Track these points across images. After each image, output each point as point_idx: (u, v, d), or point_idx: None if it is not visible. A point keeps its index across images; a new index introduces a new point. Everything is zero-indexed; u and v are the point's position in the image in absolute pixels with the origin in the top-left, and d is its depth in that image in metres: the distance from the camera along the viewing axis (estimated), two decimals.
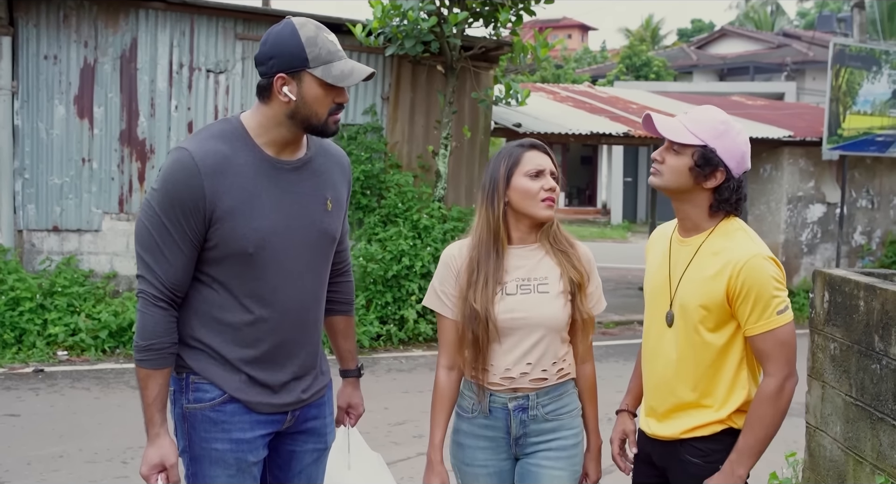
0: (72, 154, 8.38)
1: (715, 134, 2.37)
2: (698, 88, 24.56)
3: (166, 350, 2.26)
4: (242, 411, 2.34)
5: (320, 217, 2.40)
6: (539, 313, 2.51)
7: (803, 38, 29.75)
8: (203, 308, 2.31)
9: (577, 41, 51.69)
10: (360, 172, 8.99)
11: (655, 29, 42.03)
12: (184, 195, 2.19)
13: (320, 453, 2.58)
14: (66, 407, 6.19)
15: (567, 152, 27.47)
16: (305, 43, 2.21)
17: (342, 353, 2.77)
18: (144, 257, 2.24)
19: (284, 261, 2.32)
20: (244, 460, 2.35)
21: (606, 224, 24.55)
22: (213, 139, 2.26)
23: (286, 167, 2.33)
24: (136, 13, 8.45)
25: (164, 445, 2.26)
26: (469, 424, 2.59)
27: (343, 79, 2.23)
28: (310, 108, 2.25)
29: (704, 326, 2.39)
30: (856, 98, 11.21)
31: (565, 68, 32.86)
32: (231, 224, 2.23)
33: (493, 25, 8.75)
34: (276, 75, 2.23)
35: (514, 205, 2.53)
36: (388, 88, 9.34)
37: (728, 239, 2.40)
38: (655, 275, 2.55)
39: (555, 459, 2.56)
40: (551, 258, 2.57)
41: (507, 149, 2.59)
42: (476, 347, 2.51)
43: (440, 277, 2.60)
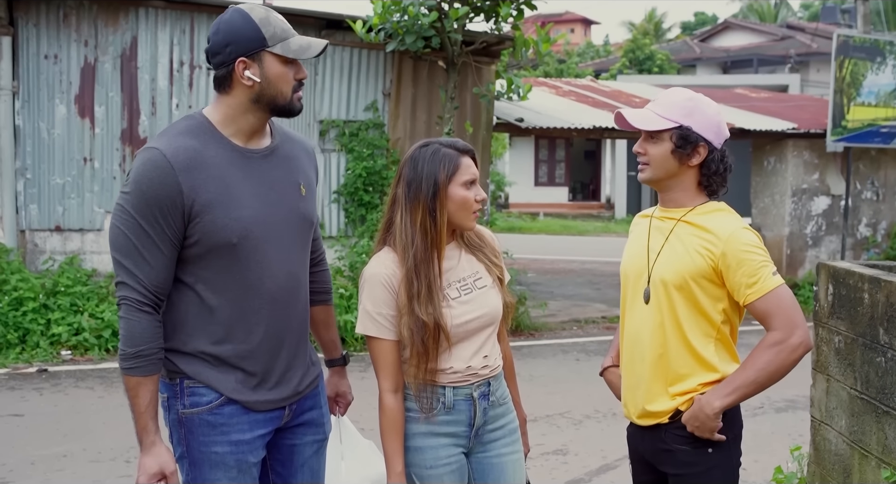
0: (73, 153, 8.38)
1: (685, 112, 2.40)
2: (702, 81, 24.50)
3: (155, 356, 2.22)
4: (241, 412, 2.31)
5: (296, 202, 2.39)
6: (489, 309, 2.49)
7: (807, 30, 29.68)
8: (191, 310, 2.28)
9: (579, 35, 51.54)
10: (362, 169, 8.97)
11: (658, 22, 41.96)
12: (160, 193, 2.15)
13: (320, 444, 2.57)
14: (69, 406, 6.19)
15: (570, 147, 27.44)
16: (259, 24, 2.22)
17: (325, 343, 2.75)
18: (123, 262, 2.19)
19: (268, 248, 2.30)
20: (245, 461, 2.33)
21: (610, 218, 24.52)
22: (181, 135, 2.24)
23: (256, 155, 2.32)
24: (136, 12, 8.44)
25: (162, 453, 2.23)
26: (427, 423, 2.47)
27: (303, 51, 2.25)
28: (275, 88, 2.25)
29: (682, 297, 2.40)
30: (860, 89, 11.15)
31: (568, 63, 32.80)
32: (211, 216, 2.20)
33: (494, 20, 8.73)
34: (237, 60, 2.22)
35: (451, 215, 2.44)
36: (389, 84, 9.32)
37: (710, 215, 2.43)
38: (633, 254, 2.57)
39: (511, 444, 2.59)
40: (469, 254, 2.54)
41: (442, 151, 2.44)
42: (426, 361, 2.40)
43: (374, 299, 2.42)
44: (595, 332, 9.62)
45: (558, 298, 11.34)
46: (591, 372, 8.27)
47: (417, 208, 2.41)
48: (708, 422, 2.35)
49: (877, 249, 11.96)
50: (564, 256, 15.83)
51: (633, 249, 2.58)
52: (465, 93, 9.33)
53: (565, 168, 27.61)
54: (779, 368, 2.31)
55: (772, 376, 2.32)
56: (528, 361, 7.91)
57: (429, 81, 9.32)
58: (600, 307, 10.87)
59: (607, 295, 11.81)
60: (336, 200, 9.20)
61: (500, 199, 24.93)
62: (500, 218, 21.03)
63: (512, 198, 26.08)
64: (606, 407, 6.25)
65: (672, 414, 2.44)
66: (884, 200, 12.02)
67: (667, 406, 2.45)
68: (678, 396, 2.44)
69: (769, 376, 2.32)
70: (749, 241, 2.36)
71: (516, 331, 9.12)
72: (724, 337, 2.45)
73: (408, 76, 9.29)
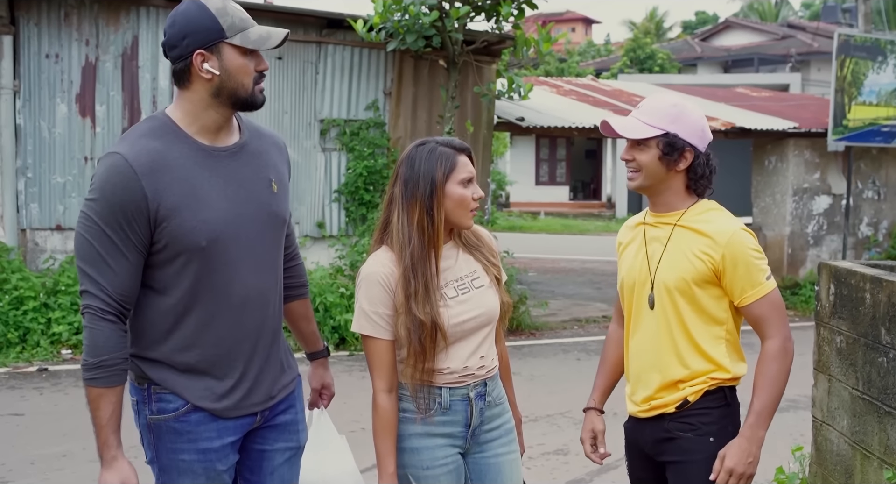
0: (74, 153, 8.37)
1: (670, 119, 2.43)
2: (703, 80, 24.49)
3: (118, 366, 2.14)
4: (208, 420, 2.25)
5: (267, 199, 2.32)
6: (486, 308, 2.49)
7: (808, 29, 29.69)
8: (157, 318, 2.22)
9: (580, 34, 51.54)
10: (363, 168, 8.97)
11: (660, 21, 41.97)
12: (123, 199, 2.09)
13: (293, 453, 2.48)
14: (69, 406, 6.18)
15: (572, 146, 27.44)
16: (217, 14, 2.15)
17: (306, 336, 2.69)
18: (87, 271, 2.11)
19: (239, 249, 2.24)
20: (213, 469, 2.27)
21: (611, 218, 24.52)
22: (144, 138, 2.17)
23: (223, 154, 2.25)
24: (136, 11, 8.43)
25: (124, 469, 2.14)
26: (424, 424, 2.46)
27: (263, 42, 2.18)
28: (235, 80, 2.18)
29: (687, 302, 2.44)
30: (861, 88, 11.14)
31: (569, 62, 32.80)
32: (178, 220, 2.14)
33: (494, 19, 8.72)
34: (195, 53, 2.14)
35: (448, 213, 2.44)
36: (390, 84, 9.31)
37: (704, 216, 2.47)
38: (633, 261, 2.57)
39: (507, 444, 2.58)
40: (467, 254, 2.53)
41: (439, 150, 2.44)
42: (422, 360, 2.39)
43: (371, 298, 2.40)
44: (596, 331, 9.61)
45: (559, 297, 11.33)
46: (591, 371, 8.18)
47: (415, 207, 2.40)
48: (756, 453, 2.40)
49: (878, 249, 11.95)
50: (565, 256, 15.82)
51: (631, 259, 2.59)
52: (465, 92, 9.33)
53: (566, 167, 27.60)
54: (786, 377, 2.42)
55: (783, 386, 2.42)
56: (528, 361, 7.90)
57: (430, 80, 9.32)
58: (601, 306, 10.86)
59: (608, 294, 11.80)
60: (337, 200, 9.20)
61: (500, 198, 24.93)
62: (500, 217, 21.03)
63: (513, 197, 26.08)
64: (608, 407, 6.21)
65: (679, 404, 2.47)
66: (885, 200, 12.01)
67: (675, 396, 2.48)
68: (688, 387, 2.47)
69: (782, 387, 2.42)
70: (748, 243, 2.41)
71: (517, 330, 9.12)
72: (732, 337, 2.49)
73: (409, 75, 9.28)
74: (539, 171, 27.53)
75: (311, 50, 9.02)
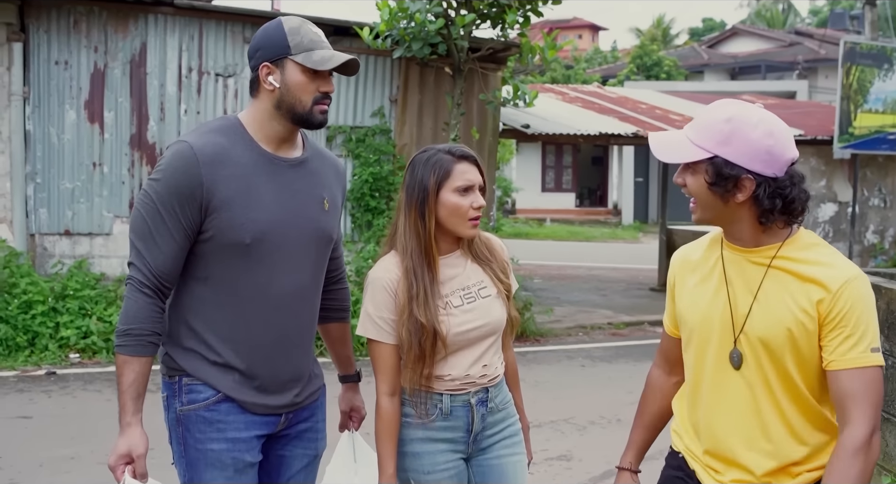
0: (83, 158, 8.44)
1: (721, 139, 1.92)
2: (709, 87, 24.51)
3: (145, 338, 2.22)
4: (237, 411, 2.32)
5: (317, 215, 2.40)
6: (491, 319, 2.49)
7: (815, 36, 29.65)
8: (195, 306, 2.31)
9: (587, 41, 51.67)
10: (369, 175, 9.02)
11: (666, 28, 42.03)
12: (181, 183, 2.20)
13: (310, 460, 2.54)
14: (77, 409, 6.24)
15: (578, 153, 27.47)
16: (288, 32, 2.28)
17: (340, 359, 2.77)
18: (136, 244, 2.24)
19: (281, 254, 2.31)
20: (241, 460, 2.33)
21: (618, 224, 24.53)
22: (213, 133, 2.29)
23: (283, 163, 2.35)
24: (145, 18, 8.51)
25: (135, 436, 2.21)
26: (425, 429, 2.48)
27: (323, 63, 2.27)
28: (293, 96, 2.28)
29: (792, 359, 1.96)
30: (867, 96, 11.18)
31: (576, 69, 32.89)
32: (228, 214, 2.23)
33: (500, 27, 8.77)
34: (262, 65, 2.29)
35: (440, 219, 2.44)
36: (396, 91, 9.37)
37: (809, 253, 1.96)
38: (707, 304, 2.07)
39: (511, 446, 2.59)
40: (476, 264, 2.54)
41: (436, 157, 2.45)
42: (422, 363, 2.41)
43: (376, 303, 2.44)
44: (601, 338, 9.64)
45: (564, 303, 11.36)
46: (595, 378, 8.32)
47: (412, 213, 2.44)
48: None
49: (884, 256, 11.96)
50: (571, 262, 15.85)
51: (703, 301, 2.08)
52: (471, 99, 9.38)
53: (572, 174, 27.63)
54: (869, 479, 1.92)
55: None
56: (532, 367, 7.94)
57: (435, 88, 9.37)
58: (606, 313, 10.89)
59: (613, 301, 11.83)
60: (343, 206, 9.24)
61: (506, 204, 24.98)
62: (506, 223, 21.07)
63: (519, 203, 26.12)
64: (611, 413, 6.27)
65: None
66: (891, 207, 12.02)
67: None
68: (806, 472, 2.02)
69: None
70: (867, 295, 1.94)
71: (522, 336, 9.14)
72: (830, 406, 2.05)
73: (414, 82, 9.34)
74: (545, 177, 27.57)
75: None
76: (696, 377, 2.12)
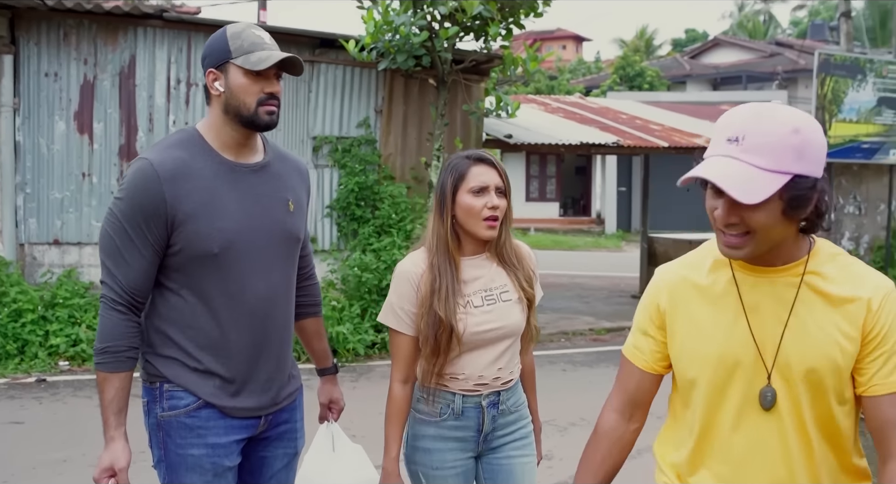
0: (72, 169, 8.55)
1: (796, 154, 1.59)
2: (691, 98, 24.79)
3: (123, 354, 2.28)
4: (217, 416, 2.37)
5: (283, 217, 2.45)
6: (509, 322, 2.56)
7: (795, 47, 29.97)
8: (172, 315, 2.35)
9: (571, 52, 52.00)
10: (355, 184, 9.17)
11: (649, 39, 42.33)
12: (144, 201, 2.24)
13: (290, 459, 2.60)
14: (68, 415, 6.35)
15: (561, 163, 27.68)
16: (230, 37, 2.32)
17: (317, 353, 2.84)
18: (107, 263, 2.29)
19: (250, 260, 2.36)
20: (220, 465, 2.38)
21: (601, 234, 24.73)
22: (172, 147, 2.32)
23: (245, 170, 2.39)
24: (134, 31, 8.64)
25: (117, 450, 2.27)
26: (437, 427, 2.58)
27: (259, 63, 2.29)
28: (238, 98, 2.31)
29: (835, 395, 1.72)
30: (841, 106, 11.41)
31: (559, 79, 33.12)
32: (194, 226, 2.27)
33: (483, 39, 8.93)
34: (207, 71, 2.34)
35: (459, 221, 2.54)
36: (381, 102, 9.53)
37: (836, 266, 1.74)
38: (725, 337, 1.76)
39: (521, 448, 2.67)
40: (501, 269, 2.60)
41: (455, 161, 2.57)
42: (436, 357, 2.50)
43: (399, 294, 2.55)
44: (582, 343, 9.82)
45: (547, 311, 11.52)
46: (576, 382, 8.45)
47: (436, 214, 2.56)
48: None
49: None
50: (554, 271, 16.01)
51: (715, 328, 1.78)
52: (454, 110, 9.56)
53: (556, 183, 27.84)
54: None
55: None
56: None
57: (419, 99, 9.55)
58: (588, 320, 11.06)
59: (595, 308, 12.01)
60: (329, 215, 9.39)
61: None
62: None
63: None
64: (591, 415, 6.38)
65: None
66: (866, 215, 12.26)
67: None
68: None
69: None
70: None
71: None
72: None
73: (399, 94, 9.51)
74: (529, 187, 27.77)
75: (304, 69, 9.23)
76: (708, 422, 1.79)
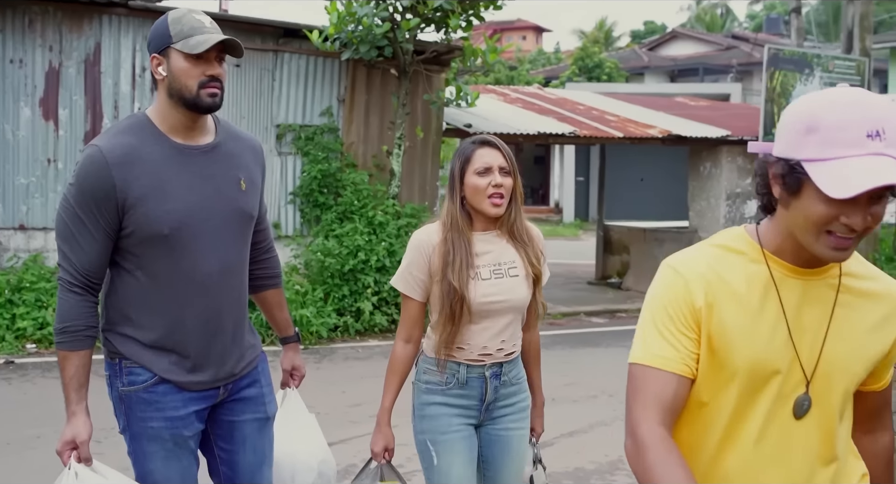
0: (37, 155, 8.64)
1: None
2: (649, 90, 25.18)
3: (81, 333, 2.38)
4: (174, 391, 2.47)
5: (235, 196, 2.53)
6: (513, 296, 2.73)
7: (751, 40, 30.50)
8: (128, 295, 2.45)
9: (531, 43, 52.31)
10: (317, 171, 9.36)
11: (609, 31, 42.70)
12: (95, 186, 2.31)
13: (262, 423, 2.69)
14: (38, 394, 6.50)
15: (521, 152, 27.95)
16: (170, 23, 2.40)
17: (279, 322, 2.96)
18: (62, 247, 2.38)
19: (202, 239, 2.44)
20: (179, 435, 2.49)
21: (559, 222, 25.11)
22: (122, 133, 2.40)
23: (195, 151, 2.46)
24: (99, 19, 8.74)
25: (78, 424, 2.34)
26: (443, 395, 2.76)
27: (198, 46, 2.35)
28: (179, 82, 2.38)
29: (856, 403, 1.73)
30: (790, 99, 11.77)
31: (519, 70, 33.37)
32: (144, 209, 2.35)
33: (444, 31, 9.17)
34: (151, 57, 2.41)
35: (468, 199, 2.72)
36: (343, 91, 9.73)
37: (857, 260, 1.71)
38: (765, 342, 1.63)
39: (517, 420, 2.86)
40: (511, 246, 2.78)
41: (463, 146, 2.76)
42: (451, 324, 2.68)
43: (410, 260, 2.75)
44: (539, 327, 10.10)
45: None
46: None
47: (449, 196, 2.78)
48: None
49: None
50: None
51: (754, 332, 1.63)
52: (415, 99, 9.78)
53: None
54: None
55: None
56: None
57: (381, 88, 9.76)
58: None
59: (552, 294, 12.32)
60: (292, 201, 9.58)
61: None
62: None
63: None
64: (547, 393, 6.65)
65: None
66: None
67: None
68: None
69: None
70: None
71: None
72: None
73: (361, 83, 9.72)
74: None
75: (268, 58, 9.41)
76: (733, 425, 1.67)
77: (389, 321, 9.05)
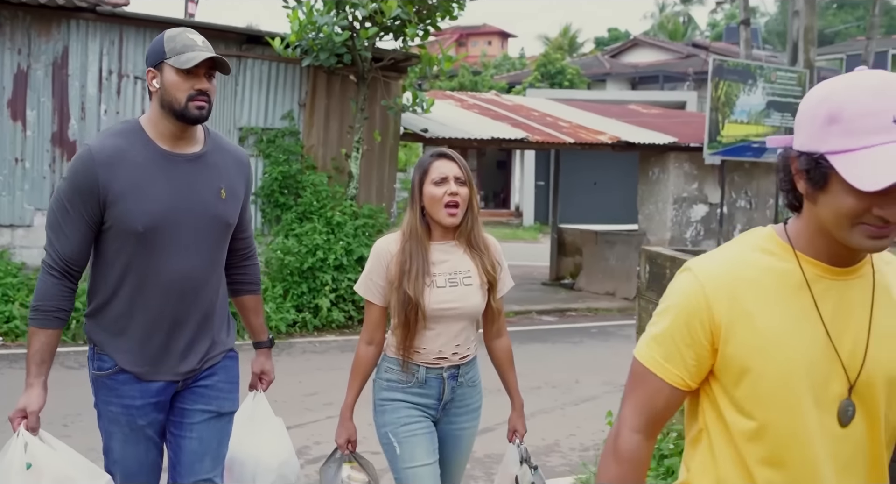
0: (5, 154, 8.86)
1: None
2: (610, 97, 25.53)
3: (52, 313, 2.56)
4: (132, 381, 2.64)
5: (214, 203, 2.66)
6: (466, 304, 2.85)
7: (711, 49, 31.02)
8: (102, 286, 2.64)
9: (497, 48, 52.63)
10: (279, 173, 9.67)
11: (573, 37, 43.06)
12: (81, 182, 2.51)
13: (211, 416, 2.77)
14: (6, 384, 6.73)
15: (482, 157, 28.25)
16: (166, 40, 2.57)
17: (254, 327, 3.07)
18: (49, 234, 2.58)
19: (176, 241, 2.59)
20: (134, 423, 2.67)
21: (519, 225, 25.47)
22: (113, 136, 2.59)
23: (180, 159, 2.63)
24: (67, 23, 8.99)
25: (32, 395, 2.52)
26: (403, 393, 2.89)
27: (188, 62, 2.52)
28: (170, 94, 2.55)
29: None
30: (734, 108, 12.22)
31: (483, 75, 33.66)
32: (123, 206, 2.53)
33: (402, 39, 9.51)
34: (147, 70, 2.61)
35: (427, 209, 2.84)
36: (304, 96, 10.07)
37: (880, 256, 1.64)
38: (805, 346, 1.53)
39: (471, 420, 3.03)
40: (469, 256, 2.89)
41: (422, 158, 2.88)
42: (406, 329, 2.80)
43: (371, 268, 2.88)
44: None
45: None
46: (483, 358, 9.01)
47: (409, 206, 2.92)
48: None
49: None
50: None
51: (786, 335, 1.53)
52: (374, 105, 10.13)
53: (477, 177, 28.43)
54: None
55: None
56: None
57: (341, 94, 10.12)
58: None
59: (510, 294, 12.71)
60: (254, 202, 9.87)
61: None
62: None
63: None
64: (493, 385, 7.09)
65: None
66: (756, 208, 13.18)
67: None
68: None
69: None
70: None
71: None
72: None
73: (322, 89, 10.07)
74: None
75: (231, 63, 9.59)
76: (773, 441, 1.54)
77: (346, 318, 9.41)
